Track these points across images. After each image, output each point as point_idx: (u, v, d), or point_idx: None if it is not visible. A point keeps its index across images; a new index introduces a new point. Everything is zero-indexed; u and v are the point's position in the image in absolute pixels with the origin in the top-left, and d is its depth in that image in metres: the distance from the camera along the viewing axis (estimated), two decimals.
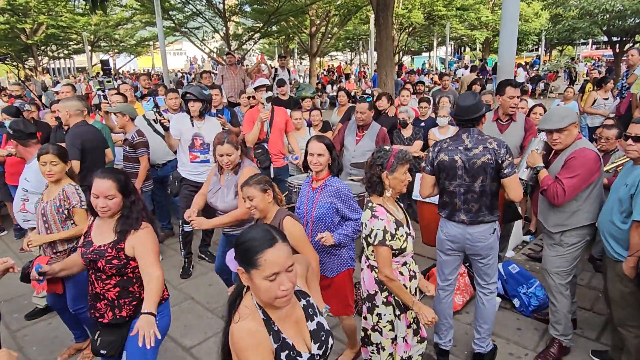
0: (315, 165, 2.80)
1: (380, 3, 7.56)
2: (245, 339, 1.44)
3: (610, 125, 4.26)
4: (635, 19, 16.65)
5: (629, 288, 2.71)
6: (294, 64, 31.88)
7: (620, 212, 2.69)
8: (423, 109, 6.12)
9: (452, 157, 2.82)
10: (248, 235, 1.47)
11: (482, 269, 3.00)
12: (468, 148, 2.79)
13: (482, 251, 2.91)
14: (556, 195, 2.85)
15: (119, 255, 2.22)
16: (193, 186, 4.41)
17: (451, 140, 2.89)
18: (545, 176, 2.95)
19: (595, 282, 4.13)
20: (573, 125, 2.92)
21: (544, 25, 25.35)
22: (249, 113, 4.97)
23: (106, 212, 2.24)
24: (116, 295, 2.27)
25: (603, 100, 7.29)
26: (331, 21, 19.47)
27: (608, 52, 26.61)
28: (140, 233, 2.26)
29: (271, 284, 1.41)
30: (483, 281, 3.04)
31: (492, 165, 2.74)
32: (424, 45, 36.05)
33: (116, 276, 2.26)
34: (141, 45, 26.71)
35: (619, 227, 2.70)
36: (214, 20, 17.59)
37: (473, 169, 2.77)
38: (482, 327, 3.08)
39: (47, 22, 18.28)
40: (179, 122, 4.44)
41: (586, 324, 3.55)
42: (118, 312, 2.29)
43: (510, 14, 4.44)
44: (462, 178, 2.82)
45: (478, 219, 2.84)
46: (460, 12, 20.96)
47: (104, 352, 2.29)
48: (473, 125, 2.86)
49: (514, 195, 2.82)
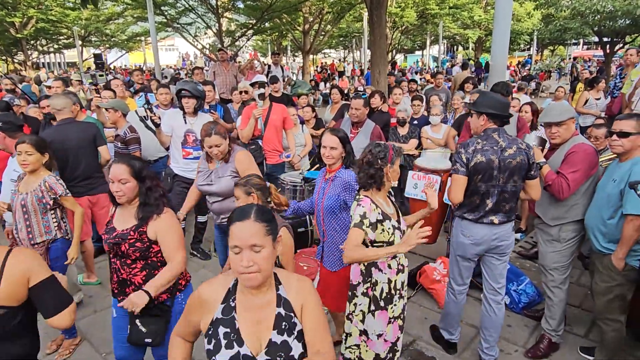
0: (327, 158, 2.83)
1: (374, 1, 7.56)
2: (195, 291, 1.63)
3: (599, 124, 4.32)
4: (626, 20, 16.80)
5: (614, 281, 2.77)
6: (287, 61, 31.79)
7: (608, 208, 2.75)
8: (416, 107, 6.14)
9: (489, 158, 2.76)
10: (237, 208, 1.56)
11: (499, 268, 2.97)
12: (503, 148, 2.76)
13: (505, 249, 2.93)
14: (561, 190, 2.89)
15: (141, 238, 2.27)
16: (186, 182, 4.40)
17: (483, 140, 2.82)
18: (549, 171, 2.98)
19: (584, 280, 4.18)
20: (571, 120, 2.98)
21: (536, 25, 25.52)
22: (246, 110, 4.94)
23: (121, 196, 2.29)
24: (143, 279, 2.32)
25: (595, 100, 7.35)
26: (324, 19, 19.41)
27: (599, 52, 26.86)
28: (162, 217, 2.32)
29: (235, 257, 1.45)
30: (497, 284, 2.99)
31: (524, 166, 2.77)
32: (417, 44, 36.12)
33: (140, 260, 2.31)
34: (133, 40, 26.41)
35: (607, 222, 2.77)
36: (207, 16, 17.46)
37: (508, 169, 2.76)
38: (492, 336, 3.05)
39: (36, 16, 18.04)
40: (171, 118, 4.41)
41: (575, 321, 3.60)
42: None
43: (503, 13, 4.46)
44: (497, 179, 2.78)
45: (506, 218, 2.86)
46: (453, 11, 21.02)
47: (149, 340, 2.31)
48: (503, 124, 2.86)
49: (536, 195, 2.88)
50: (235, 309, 1.52)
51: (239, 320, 1.51)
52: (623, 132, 2.69)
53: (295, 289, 1.60)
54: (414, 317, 3.67)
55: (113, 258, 2.37)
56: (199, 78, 7.82)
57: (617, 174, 2.73)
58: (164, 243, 2.30)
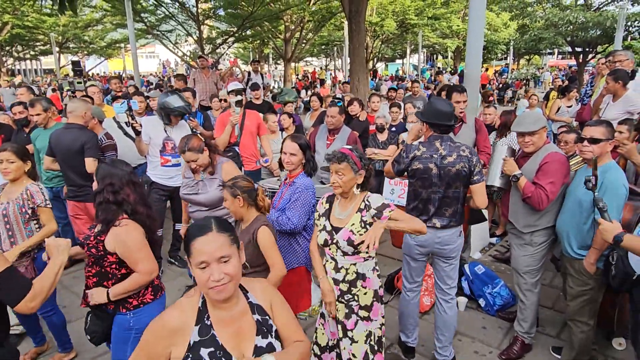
0: (287, 164, 2.90)
1: (353, 10, 7.68)
2: (154, 321, 1.51)
3: (569, 130, 4.46)
4: (597, 31, 17.37)
5: (587, 286, 2.83)
6: (269, 69, 31.85)
7: (580, 213, 2.80)
8: (394, 114, 6.24)
9: (427, 166, 2.85)
10: (192, 224, 1.53)
11: (446, 271, 3.05)
12: (442, 156, 2.84)
13: (450, 253, 2.98)
14: (541, 202, 2.92)
15: (97, 246, 2.26)
16: (163, 190, 4.38)
17: (424, 147, 2.90)
18: (527, 183, 3.00)
19: (556, 282, 4.28)
20: (543, 129, 3.05)
21: (512, 35, 26.21)
22: (221, 117, 4.96)
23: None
24: (93, 284, 2.32)
25: (566, 107, 7.59)
26: (306, 27, 19.57)
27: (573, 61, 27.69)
28: (121, 230, 2.25)
29: (201, 273, 1.41)
30: (445, 285, 3.08)
31: (465, 173, 2.83)
32: (398, 53, 36.61)
33: (95, 266, 2.30)
34: (112, 47, 26.12)
35: (578, 227, 2.82)
36: (187, 23, 17.39)
37: (448, 177, 2.83)
38: (444, 335, 3.10)
39: (12, 22, 17.69)
40: (148, 125, 4.36)
41: (547, 322, 3.69)
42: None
43: (477, 23, 4.59)
44: (436, 185, 2.86)
45: (450, 223, 2.92)
46: (432, 21, 21.42)
47: (89, 337, 2.37)
48: (447, 132, 2.92)
49: (480, 202, 2.91)
50: (212, 326, 1.48)
51: (220, 337, 1.48)
52: (593, 139, 2.74)
53: (260, 292, 1.62)
54: (392, 321, 3.69)
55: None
56: (179, 86, 7.78)
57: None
58: (122, 255, 2.26)
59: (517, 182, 3.04)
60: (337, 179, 2.39)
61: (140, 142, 4.30)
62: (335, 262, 2.48)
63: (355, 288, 2.46)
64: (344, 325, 2.49)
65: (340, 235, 2.42)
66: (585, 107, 6.28)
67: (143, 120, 4.54)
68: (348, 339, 2.47)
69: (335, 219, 2.50)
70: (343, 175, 2.37)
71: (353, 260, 2.45)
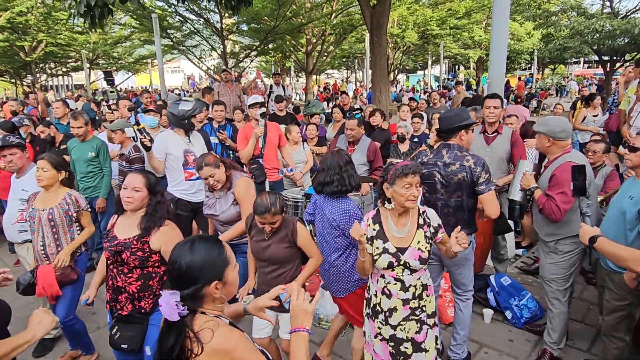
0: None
1: (374, 23, 7.74)
2: (229, 339, 1.41)
3: (597, 139, 4.38)
4: (625, 39, 16.97)
5: (625, 300, 2.72)
6: (291, 81, 32.23)
7: (623, 225, 2.68)
8: (416, 124, 6.23)
9: (431, 172, 2.92)
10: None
11: (458, 278, 3.11)
12: (446, 164, 2.88)
13: (459, 261, 3.00)
14: (552, 212, 2.91)
15: (143, 248, 2.39)
16: (188, 206, 4.19)
17: (432, 154, 2.99)
18: (540, 195, 3.01)
19: (587, 295, 4.16)
20: (544, 137, 3.05)
21: (536, 44, 25.85)
22: (243, 129, 4.98)
23: (130, 203, 2.41)
24: (137, 289, 2.42)
25: (592, 116, 7.44)
26: (327, 40, 19.78)
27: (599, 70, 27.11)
28: (166, 229, 2.45)
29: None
30: (459, 289, 3.16)
31: (467, 183, 2.84)
32: (419, 64, 36.58)
33: (138, 269, 2.41)
34: (139, 62, 26.96)
35: (621, 239, 2.68)
36: (212, 38, 17.87)
37: (450, 185, 2.87)
38: (458, 333, 3.15)
39: (46, 40, 18.48)
40: (162, 142, 4.12)
41: (578, 336, 3.58)
42: (137, 304, 2.43)
43: (500, 32, 4.58)
44: (439, 192, 2.92)
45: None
46: (454, 31, 21.37)
47: (125, 346, 2.41)
48: (450, 138, 2.96)
49: (490, 211, 2.89)
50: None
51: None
52: (634, 147, 2.70)
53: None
54: None
55: (111, 265, 2.45)
56: (208, 100, 7.92)
57: (635, 191, 2.66)
58: (166, 253, 2.38)
59: (533, 195, 3.05)
60: (414, 193, 2.30)
61: (152, 158, 4.01)
62: (402, 283, 2.42)
63: (422, 300, 2.46)
64: (414, 342, 2.45)
65: (408, 256, 2.37)
66: (612, 116, 6.15)
67: (157, 138, 4.36)
68: (420, 353, 2.44)
69: (395, 238, 2.42)
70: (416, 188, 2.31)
71: (419, 275, 2.45)
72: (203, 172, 3.14)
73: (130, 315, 2.41)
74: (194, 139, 4.24)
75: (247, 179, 3.34)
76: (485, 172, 2.83)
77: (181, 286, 1.40)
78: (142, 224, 2.42)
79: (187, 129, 4.13)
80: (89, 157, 4.63)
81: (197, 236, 1.51)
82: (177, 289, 1.39)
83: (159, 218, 2.46)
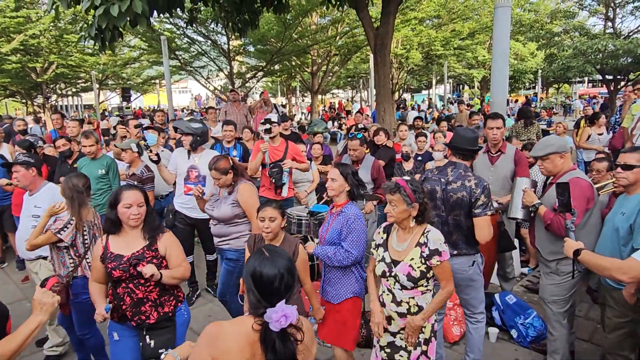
0: (329, 189, 2.92)
1: (378, 44, 7.87)
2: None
3: (601, 158, 4.39)
4: (628, 59, 17.09)
5: (626, 317, 2.72)
6: (296, 101, 32.57)
7: (617, 241, 2.73)
8: (421, 143, 6.29)
9: (433, 188, 2.96)
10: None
11: (465, 299, 3.09)
12: (449, 181, 2.91)
13: (462, 282, 2.96)
14: (561, 227, 2.89)
15: (156, 255, 2.51)
16: (185, 220, 4.50)
17: (437, 170, 3.04)
18: (546, 211, 3.00)
19: (593, 314, 4.13)
20: (557, 155, 3.04)
21: (539, 64, 26.03)
22: (256, 145, 5.09)
23: (138, 219, 2.50)
24: (158, 294, 2.54)
25: (597, 135, 7.47)
26: (332, 60, 20.04)
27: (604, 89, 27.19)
28: (167, 235, 2.64)
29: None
30: (468, 311, 3.14)
31: (465, 203, 2.85)
32: (423, 83, 36.85)
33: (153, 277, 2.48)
34: (147, 83, 27.39)
35: (616, 255, 2.73)
36: (219, 59, 18.17)
37: (449, 202, 2.90)
38: (468, 355, 3.12)
39: (57, 62, 18.86)
40: (176, 155, 4.61)
41: (584, 355, 3.55)
42: (162, 310, 2.54)
43: (501, 52, 4.67)
44: (439, 209, 2.94)
45: (455, 250, 2.92)
46: (458, 51, 21.58)
47: (162, 350, 2.43)
48: (463, 158, 2.97)
49: (480, 236, 2.87)
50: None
51: None
52: (627, 165, 2.71)
53: None
54: None
55: (123, 283, 2.48)
56: (212, 117, 8.09)
57: (626, 207, 2.72)
58: (172, 255, 2.56)
59: (537, 212, 3.03)
60: (390, 209, 2.45)
61: (163, 171, 4.50)
62: (394, 295, 2.49)
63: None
64: (409, 356, 2.49)
65: (399, 269, 2.43)
66: (616, 135, 6.18)
67: (174, 152, 4.78)
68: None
69: (393, 250, 2.50)
70: (395, 206, 2.41)
71: (411, 294, 2.45)
72: (212, 173, 3.44)
73: (159, 322, 2.53)
74: (204, 157, 4.40)
75: (250, 185, 3.56)
76: (485, 196, 2.83)
77: (288, 294, 1.57)
78: (146, 233, 2.55)
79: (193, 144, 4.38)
80: (99, 175, 4.71)
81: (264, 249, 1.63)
82: (285, 299, 1.53)
83: (159, 225, 2.62)
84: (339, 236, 2.81)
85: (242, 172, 3.62)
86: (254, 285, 1.53)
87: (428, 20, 20.40)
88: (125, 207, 2.47)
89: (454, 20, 20.04)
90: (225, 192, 3.55)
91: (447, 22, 20.24)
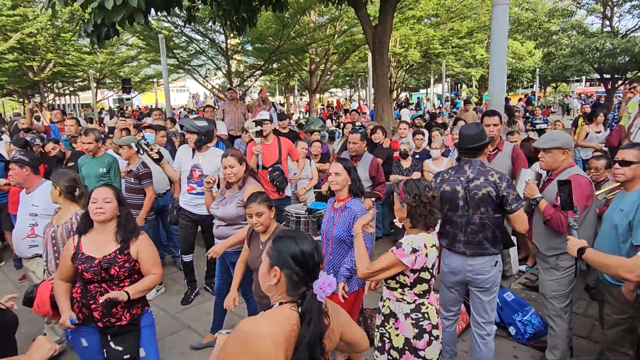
0: (332, 184, 2.92)
1: (376, 42, 7.88)
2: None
3: (599, 155, 4.40)
4: (625, 57, 17.13)
5: (626, 314, 2.73)
6: (295, 100, 32.55)
7: (616, 238, 2.73)
8: (418, 141, 6.30)
9: (454, 188, 2.85)
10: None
11: (482, 304, 2.94)
12: (470, 179, 2.82)
13: (483, 284, 2.87)
14: (560, 224, 2.89)
15: (129, 259, 2.48)
16: (189, 217, 4.48)
17: (453, 170, 2.94)
18: (546, 206, 3.00)
19: (591, 311, 4.14)
20: (559, 150, 3.04)
21: (537, 63, 26.10)
22: (249, 146, 5.10)
23: (101, 214, 2.45)
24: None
25: (595, 133, 7.48)
26: (330, 59, 20.02)
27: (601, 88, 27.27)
28: (142, 238, 2.56)
29: None
30: (481, 318, 2.95)
31: (492, 198, 2.76)
32: (422, 82, 36.87)
33: (127, 279, 2.49)
34: (145, 82, 27.32)
35: (615, 252, 2.73)
36: (217, 58, 18.14)
37: (474, 200, 2.79)
38: None
39: (54, 60, 18.80)
40: (181, 153, 4.59)
41: (582, 352, 3.56)
42: (132, 311, 2.53)
43: (499, 50, 4.66)
44: (463, 209, 2.83)
45: (479, 250, 2.84)
46: (456, 50, 21.59)
47: (127, 356, 2.49)
48: (475, 156, 2.92)
49: (520, 228, 2.84)
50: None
51: None
52: (625, 161, 2.72)
53: None
54: None
55: (95, 284, 2.45)
56: (209, 115, 8.09)
57: (624, 204, 2.72)
58: (143, 260, 2.52)
59: (538, 205, 3.03)
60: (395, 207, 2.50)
61: (167, 169, 4.55)
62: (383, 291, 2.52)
63: (388, 324, 2.42)
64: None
65: None
66: (613, 133, 6.19)
67: (179, 149, 4.78)
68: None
69: None
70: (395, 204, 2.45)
71: (388, 294, 2.44)
72: (226, 160, 3.37)
73: (125, 325, 2.49)
74: (208, 156, 4.41)
75: (258, 186, 3.49)
76: (511, 188, 2.78)
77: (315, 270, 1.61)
78: (120, 236, 2.50)
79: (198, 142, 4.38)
80: (100, 173, 4.71)
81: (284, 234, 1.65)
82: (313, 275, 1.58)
83: (134, 229, 2.56)
84: (349, 232, 2.82)
85: (253, 172, 3.62)
86: (296, 265, 1.55)
87: (426, 19, 20.40)
88: (92, 202, 2.48)
89: (452, 19, 20.04)
90: (232, 191, 3.48)
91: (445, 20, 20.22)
